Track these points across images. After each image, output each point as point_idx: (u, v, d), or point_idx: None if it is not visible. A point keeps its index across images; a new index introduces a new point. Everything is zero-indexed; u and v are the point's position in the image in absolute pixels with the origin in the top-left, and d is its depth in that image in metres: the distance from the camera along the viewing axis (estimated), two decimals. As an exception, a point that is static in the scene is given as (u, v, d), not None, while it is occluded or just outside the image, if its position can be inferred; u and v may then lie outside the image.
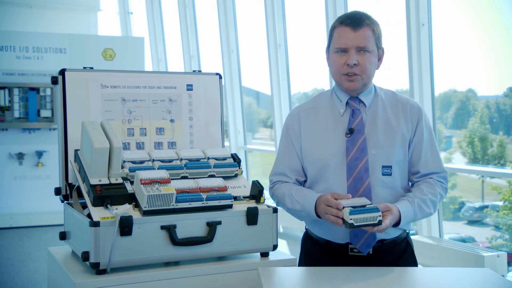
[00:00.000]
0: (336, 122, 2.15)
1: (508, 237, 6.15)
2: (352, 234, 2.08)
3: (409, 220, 2.05)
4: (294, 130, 2.21)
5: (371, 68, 2.09)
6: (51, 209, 6.55)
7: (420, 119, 2.15)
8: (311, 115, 2.20)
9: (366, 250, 2.09)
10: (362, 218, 1.88)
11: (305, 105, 2.25)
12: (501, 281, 1.87)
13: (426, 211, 2.08)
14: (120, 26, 11.43)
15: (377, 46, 2.10)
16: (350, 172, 2.08)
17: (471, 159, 6.20)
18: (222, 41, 7.96)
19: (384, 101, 2.17)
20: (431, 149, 2.16)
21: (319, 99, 2.24)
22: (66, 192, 2.18)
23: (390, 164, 2.09)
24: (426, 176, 2.15)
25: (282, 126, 7.22)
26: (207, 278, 1.97)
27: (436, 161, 2.16)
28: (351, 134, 2.10)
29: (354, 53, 2.06)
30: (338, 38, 2.09)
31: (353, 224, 1.87)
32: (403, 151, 2.12)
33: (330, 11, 5.93)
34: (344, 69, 2.08)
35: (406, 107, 2.16)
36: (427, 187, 2.11)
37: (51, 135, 7.35)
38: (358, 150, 2.08)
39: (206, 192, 2.01)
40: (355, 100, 2.15)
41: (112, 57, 7.71)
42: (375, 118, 2.13)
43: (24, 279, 5.18)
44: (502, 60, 5.52)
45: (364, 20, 2.08)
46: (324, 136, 2.15)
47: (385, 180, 2.09)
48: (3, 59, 6.97)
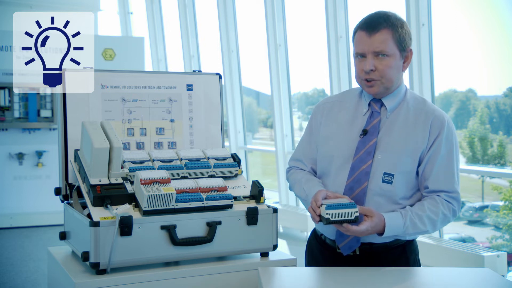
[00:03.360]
0: (355, 120, 2.13)
1: (508, 237, 6.15)
2: (337, 234, 2.06)
3: (396, 233, 1.98)
4: (316, 120, 2.22)
5: (391, 72, 2.02)
6: (51, 209, 6.54)
7: (441, 133, 2.04)
8: (335, 108, 2.19)
9: (347, 251, 2.06)
10: (338, 213, 1.87)
11: (332, 98, 2.26)
12: (501, 281, 1.87)
13: (420, 228, 1.99)
14: (120, 26, 11.43)
15: (399, 48, 2.02)
16: (352, 173, 2.06)
17: (471, 159, 6.21)
18: (222, 41, 7.96)
19: (410, 108, 2.10)
20: (446, 165, 2.05)
21: (347, 94, 2.23)
22: (66, 192, 2.18)
23: (392, 172, 2.03)
24: (434, 193, 2.05)
25: (282, 126, 7.24)
26: (207, 278, 1.97)
27: (448, 179, 2.05)
28: (364, 135, 2.08)
29: (371, 58, 2.01)
30: (356, 44, 2.06)
31: (329, 219, 1.86)
32: (412, 161, 2.04)
33: (330, 11, 5.94)
34: (362, 74, 2.05)
35: (429, 118, 2.06)
36: (429, 204, 2.02)
37: (51, 135, 7.35)
38: (365, 153, 2.05)
39: (206, 192, 2.01)
40: (377, 102, 2.11)
41: (112, 57, 7.71)
42: (394, 124, 2.08)
43: (24, 279, 5.18)
44: (502, 60, 5.52)
45: (381, 23, 2.01)
46: (341, 131, 2.13)
47: (384, 187, 2.03)
48: (3, 59, 6.99)
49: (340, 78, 6.01)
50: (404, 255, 2.11)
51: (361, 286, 1.80)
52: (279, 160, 7.15)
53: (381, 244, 2.08)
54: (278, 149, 7.16)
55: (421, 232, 2.03)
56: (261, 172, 10.01)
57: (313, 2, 6.79)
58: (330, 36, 5.97)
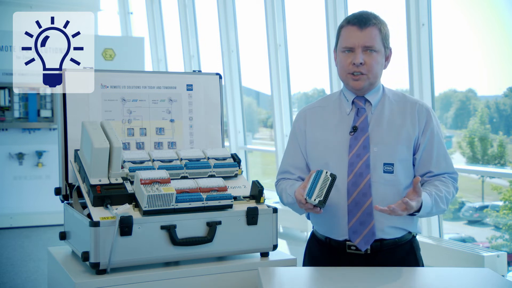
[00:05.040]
0: (341, 121, 2.16)
1: (508, 237, 6.15)
2: (350, 231, 2.07)
3: (427, 212, 2.01)
4: (299, 129, 2.23)
5: (377, 67, 2.09)
6: (51, 209, 6.54)
7: (429, 120, 2.13)
8: (317, 114, 2.22)
9: (364, 247, 2.07)
10: (319, 189, 1.89)
11: (312, 105, 2.28)
12: (501, 281, 1.87)
13: (441, 207, 2.05)
14: (120, 26, 11.43)
15: (384, 46, 2.10)
16: (351, 169, 2.07)
17: (471, 159, 6.21)
18: (222, 41, 7.96)
19: (392, 101, 2.16)
20: (442, 150, 2.14)
21: (327, 100, 2.26)
22: (66, 192, 2.18)
23: (392, 161, 2.08)
24: (438, 176, 2.14)
25: (282, 126, 7.24)
26: (207, 278, 1.97)
27: (448, 161, 2.15)
28: (354, 132, 2.11)
29: (360, 52, 2.06)
30: (345, 38, 2.10)
31: (320, 200, 1.89)
32: (407, 149, 2.11)
33: (330, 11, 5.93)
34: (350, 68, 2.08)
35: (414, 107, 2.14)
36: (441, 184, 2.09)
37: (51, 135, 7.35)
38: (360, 147, 2.08)
39: (206, 192, 2.01)
40: (361, 99, 2.15)
41: (112, 57, 7.71)
42: (381, 117, 2.13)
43: (24, 279, 5.18)
44: (502, 60, 5.52)
45: (371, 19, 2.08)
46: (328, 133, 2.16)
47: (387, 177, 2.08)
48: (3, 59, 6.99)
49: (340, 78, 6.00)
50: (412, 251, 2.15)
51: (361, 286, 1.80)
52: (279, 160, 7.14)
53: (391, 241, 2.10)
54: (278, 149, 7.16)
55: (440, 212, 2.08)
56: (261, 172, 10.01)
57: (313, 2, 6.79)
58: (330, 36, 5.97)
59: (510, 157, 5.85)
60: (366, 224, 2.05)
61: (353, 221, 2.06)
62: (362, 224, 2.06)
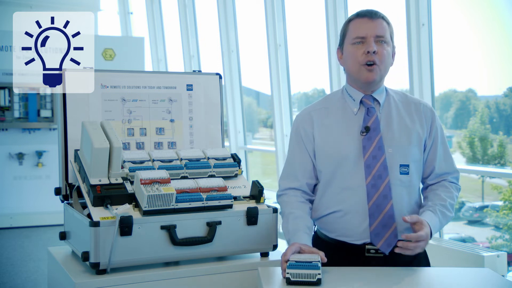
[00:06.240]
0: (349, 121, 2.11)
1: (508, 237, 6.15)
2: (372, 234, 2.03)
3: (437, 229, 2.03)
4: (305, 131, 2.15)
5: (388, 59, 2.08)
6: (51, 209, 6.54)
7: (434, 120, 2.15)
8: (323, 114, 2.16)
9: (387, 249, 2.03)
10: (299, 273, 1.77)
11: (315, 106, 2.20)
12: (501, 281, 1.87)
13: (448, 216, 2.06)
14: (120, 26, 11.42)
15: (391, 40, 2.11)
16: (369, 171, 2.04)
17: (471, 159, 6.21)
18: (222, 41, 7.96)
19: (396, 101, 2.15)
20: (444, 149, 2.16)
21: (330, 100, 2.20)
22: (66, 192, 2.19)
23: (407, 163, 2.07)
24: (440, 176, 2.14)
25: (282, 126, 7.24)
26: (207, 278, 1.97)
27: (449, 161, 2.17)
28: (367, 133, 2.06)
29: (373, 42, 2.04)
30: (356, 29, 2.08)
31: (289, 279, 1.77)
32: (419, 150, 2.10)
33: (330, 11, 5.93)
34: (363, 58, 2.04)
35: (419, 108, 2.15)
36: (444, 192, 2.10)
37: (51, 135, 7.35)
38: (375, 149, 2.05)
39: (206, 192, 2.01)
40: (369, 98, 2.11)
41: (112, 57, 7.71)
42: (390, 117, 2.11)
43: (24, 279, 5.18)
44: (502, 60, 5.52)
45: (379, 14, 2.10)
46: (338, 134, 2.10)
47: (403, 179, 2.06)
48: (3, 59, 6.99)
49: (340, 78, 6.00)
50: (424, 251, 2.14)
51: (361, 285, 1.80)
52: (279, 160, 7.14)
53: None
54: (278, 149, 7.16)
55: (449, 220, 2.09)
56: (261, 172, 10.01)
57: (313, 2, 6.79)
58: (330, 36, 5.97)
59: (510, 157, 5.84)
60: (388, 227, 2.03)
61: (374, 224, 2.03)
62: (384, 227, 2.03)
